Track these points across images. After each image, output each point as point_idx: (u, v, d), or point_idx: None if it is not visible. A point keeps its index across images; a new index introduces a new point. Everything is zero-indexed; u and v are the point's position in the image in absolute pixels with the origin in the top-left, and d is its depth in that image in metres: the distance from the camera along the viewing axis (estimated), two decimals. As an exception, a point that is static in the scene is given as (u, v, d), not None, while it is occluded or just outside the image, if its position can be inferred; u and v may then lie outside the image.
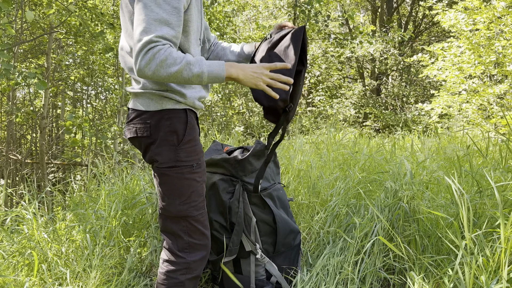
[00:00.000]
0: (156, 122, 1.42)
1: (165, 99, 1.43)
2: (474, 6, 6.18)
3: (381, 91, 12.74)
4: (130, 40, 1.42)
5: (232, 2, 8.92)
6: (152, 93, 1.43)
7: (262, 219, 1.82)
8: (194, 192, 1.48)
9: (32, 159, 10.22)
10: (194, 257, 1.50)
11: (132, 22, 1.36)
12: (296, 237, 1.93)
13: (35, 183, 4.04)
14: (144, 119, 1.43)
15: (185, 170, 1.44)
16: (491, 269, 1.49)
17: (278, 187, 1.92)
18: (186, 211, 1.47)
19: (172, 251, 1.50)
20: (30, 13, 3.75)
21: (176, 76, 1.27)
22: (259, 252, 1.79)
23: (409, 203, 2.01)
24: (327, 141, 3.68)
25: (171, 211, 1.48)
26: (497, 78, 6.39)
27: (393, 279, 1.90)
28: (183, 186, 1.45)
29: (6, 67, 3.19)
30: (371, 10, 14.02)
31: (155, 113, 1.42)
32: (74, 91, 11.54)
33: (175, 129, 1.42)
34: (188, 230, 1.49)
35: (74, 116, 4.03)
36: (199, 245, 1.51)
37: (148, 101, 1.43)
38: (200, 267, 1.53)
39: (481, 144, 3.44)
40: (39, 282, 1.94)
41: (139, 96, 1.46)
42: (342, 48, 7.03)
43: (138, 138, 1.46)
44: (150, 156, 1.46)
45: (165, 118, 1.42)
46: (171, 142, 1.42)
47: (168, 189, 1.46)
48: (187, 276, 1.49)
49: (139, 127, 1.44)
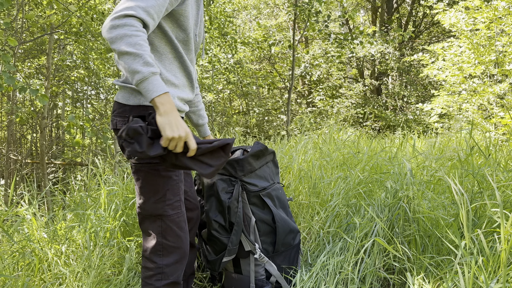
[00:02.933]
0: (132, 116, 1.38)
1: (134, 92, 1.39)
2: (474, 6, 6.18)
3: (381, 91, 12.73)
4: None
5: (233, 2, 8.93)
6: (133, 88, 1.39)
7: (262, 219, 1.82)
8: (169, 190, 1.45)
9: (32, 159, 10.23)
10: (167, 260, 1.47)
11: None
12: (295, 236, 1.93)
13: (35, 183, 4.03)
14: (123, 112, 1.40)
15: (160, 167, 1.41)
16: (491, 269, 1.49)
17: (277, 186, 1.92)
18: (161, 210, 1.44)
19: (146, 255, 1.48)
20: (31, 14, 3.76)
21: (123, 56, 1.19)
22: (258, 252, 1.80)
23: (409, 203, 2.01)
24: (328, 141, 3.68)
25: (147, 209, 1.45)
26: (497, 78, 6.39)
27: (393, 279, 1.90)
28: (158, 183, 1.42)
29: (7, 81, 3.19)
30: (371, 10, 14.02)
31: (133, 108, 1.39)
32: (74, 91, 11.54)
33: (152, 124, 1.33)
34: (163, 231, 1.46)
35: (75, 116, 4.03)
36: (173, 247, 1.47)
37: (128, 95, 1.40)
38: (176, 272, 1.49)
39: (481, 144, 3.43)
40: (39, 282, 1.94)
41: (121, 89, 1.43)
42: (342, 48, 7.02)
43: (117, 130, 1.43)
44: (128, 151, 1.37)
45: (141, 113, 1.37)
46: None
47: (144, 186, 1.44)
48: (162, 282, 1.46)
49: (118, 119, 1.41)
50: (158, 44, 1.42)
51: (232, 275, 1.91)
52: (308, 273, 1.81)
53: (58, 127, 12.02)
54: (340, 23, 11.01)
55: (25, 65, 9.55)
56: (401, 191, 2.05)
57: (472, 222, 1.96)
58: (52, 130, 12.03)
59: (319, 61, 11.36)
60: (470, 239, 1.51)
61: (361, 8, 14.60)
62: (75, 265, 2.01)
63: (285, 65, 11.67)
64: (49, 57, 7.39)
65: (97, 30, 6.00)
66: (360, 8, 14.43)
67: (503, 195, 2.06)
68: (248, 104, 12.70)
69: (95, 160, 3.02)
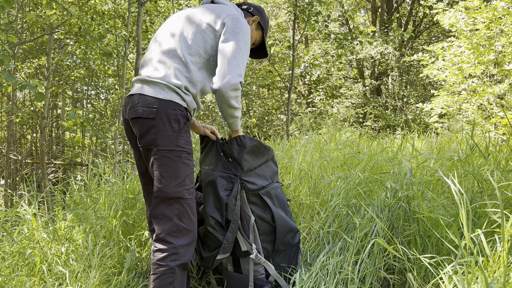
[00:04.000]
0: (163, 109, 1.60)
1: (174, 94, 1.63)
2: (474, 6, 6.18)
3: (381, 91, 12.73)
4: (187, 47, 1.70)
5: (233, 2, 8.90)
6: (167, 85, 1.63)
7: (261, 218, 1.82)
8: (188, 177, 1.65)
9: (32, 159, 10.22)
10: (181, 241, 1.62)
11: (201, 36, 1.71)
12: (295, 236, 1.93)
13: (35, 183, 4.03)
14: (151, 103, 1.61)
15: (183, 154, 1.63)
16: (491, 269, 1.49)
17: (276, 185, 1.92)
18: (181, 193, 1.62)
19: (161, 237, 1.62)
20: (32, 13, 3.75)
21: (234, 109, 1.71)
22: (255, 252, 1.79)
23: (409, 203, 2.01)
24: (328, 140, 3.68)
25: (167, 192, 1.61)
26: (497, 78, 6.39)
27: (393, 279, 1.90)
28: (180, 169, 1.63)
29: (7, 79, 3.18)
30: (371, 10, 14.02)
31: (163, 101, 1.61)
32: (74, 91, 11.53)
33: (178, 118, 1.62)
34: (179, 213, 1.63)
35: (76, 115, 4.02)
36: (187, 230, 1.64)
37: (159, 90, 1.63)
38: (188, 254, 1.64)
39: (481, 144, 3.43)
40: (39, 282, 1.94)
41: (151, 84, 1.65)
42: (342, 48, 7.01)
43: (141, 119, 1.62)
44: (151, 138, 1.61)
45: (171, 107, 1.61)
46: (174, 128, 1.61)
47: (167, 171, 1.61)
48: (176, 262, 1.60)
49: (145, 109, 1.61)
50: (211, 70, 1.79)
51: (232, 274, 1.91)
52: (308, 273, 1.81)
53: (58, 127, 12.02)
54: (340, 23, 11.00)
55: (25, 65, 9.54)
56: (401, 191, 2.05)
57: (472, 222, 1.96)
58: (52, 130, 12.02)
59: (319, 61, 11.35)
60: (470, 239, 1.51)
61: (361, 8, 14.59)
62: (75, 265, 2.01)
63: (285, 65, 11.66)
64: (49, 57, 7.39)
65: (97, 30, 6.00)
66: (360, 8, 14.42)
67: (503, 195, 2.06)
68: (248, 104, 12.70)
69: (95, 160, 3.02)
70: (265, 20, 1.97)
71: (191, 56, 1.69)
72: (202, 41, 1.70)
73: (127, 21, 5.67)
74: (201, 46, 1.70)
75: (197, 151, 2.75)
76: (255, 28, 1.95)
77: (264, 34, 1.99)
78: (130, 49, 8.20)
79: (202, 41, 1.70)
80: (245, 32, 1.72)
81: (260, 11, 1.96)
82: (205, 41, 1.71)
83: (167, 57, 1.70)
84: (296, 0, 6.77)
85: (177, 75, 1.66)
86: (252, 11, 1.94)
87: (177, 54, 1.69)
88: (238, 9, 1.87)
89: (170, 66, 1.68)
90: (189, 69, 1.68)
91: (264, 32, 1.98)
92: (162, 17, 7.50)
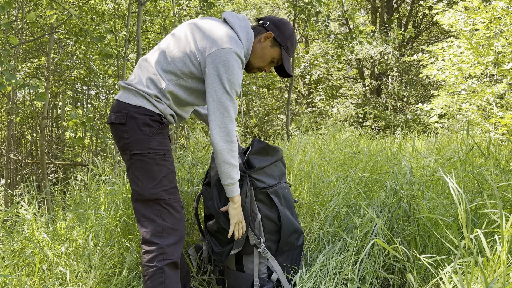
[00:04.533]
0: (132, 114, 1.62)
1: (145, 100, 1.64)
2: (474, 6, 6.18)
3: (381, 91, 12.73)
4: (165, 64, 1.66)
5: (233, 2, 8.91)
6: (138, 92, 1.64)
7: (267, 216, 1.83)
8: (165, 177, 1.64)
9: (32, 159, 10.22)
10: (168, 241, 1.63)
11: (182, 60, 1.65)
12: (299, 237, 1.94)
13: (35, 183, 4.04)
14: (123, 109, 1.64)
15: (156, 156, 1.63)
16: (491, 269, 1.49)
17: (284, 185, 1.93)
18: (158, 194, 1.62)
19: (148, 239, 1.62)
20: (32, 14, 3.75)
21: (228, 165, 1.64)
22: (263, 246, 1.81)
23: (409, 203, 2.01)
24: (328, 140, 3.69)
25: (144, 195, 1.62)
26: (496, 78, 6.39)
27: (393, 279, 1.90)
28: (154, 170, 1.63)
29: (8, 78, 3.18)
30: (371, 10, 14.02)
31: (133, 107, 1.63)
32: (74, 91, 11.53)
33: (148, 122, 1.62)
34: (161, 214, 1.63)
35: (78, 115, 4.03)
36: (172, 229, 1.64)
37: (131, 96, 1.65)
38: (176, 253, 1.64)
39: (481, 144, 3.44)
40: (39, 282, 1.94)
41: (126, 90, 1.67)
42: (341, 48, 7.01)
43: (114, 125, 1.66)
44: (124, 143, 1.64)
45: (140, 113, 1.62)
46: (144, 132, 1.62)
47: (142, 174, 1.63)
48: (164, 261, 1.61)
49: (117, 115, 1.64)
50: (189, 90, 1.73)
51: (234, 272, 1.91)
52: (308, 273, 1.81)
53: (58, 127, 12.02)
54: (340, 23, 11.00)
55: (25, 65, 9.54)
56: (401, 191, 2.05)
57: (472, 222, 1.96)
58: (52, 130, 12.02)
59: (319, 61, 11.35)
60: (469, 239, 1.51)
61: (361, 8, 14.59)
62: (75, 265, 2.01)
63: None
64: (49, 57, 7.39)
65: (97, 31, 6.00)
66: (360, 8, 14.42)
67: (502, 195, 2.06)
68: (248, 104, 12.70)
69: (95, 160, 3.02)
70: (284, 35, 1.76)
71: (166, 73, 1.66)
72: (182, 63, 1.65)
73: (127, 21, 5.67)
74: (179, 67, 1.65)
75: (203, 150, 2.75)
76: (270, 45, 1.76)
77: (284, 51, 1.77)
78: (130, 49, 8.20)
79: (182, 63, 1.65)
80: (226, 73, 1.59)
81: (279, 25, 1.76)
82: (185, 65, 1.65)
83: (144, 67, 1.70)
84: (296, 0, 6.77)
85: (148, 85, 1.65)
86: (268, 26, 1.76)
87: (154, 67, 1.67)
88: (236, 37, 1.68)
89: (144, 75, 1.68)
90: (162, 83, 1.65)
91: (284, 48, 1.77)
92: (162, 17, 7.50)
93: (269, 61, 1.81)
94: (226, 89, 1.60)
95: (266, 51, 1.77)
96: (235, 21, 1.73)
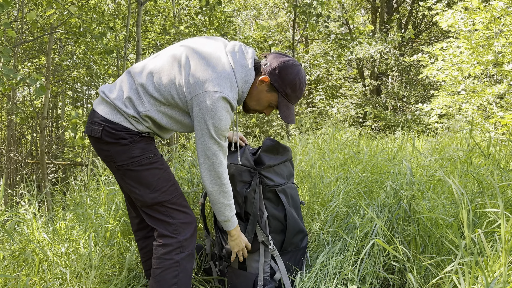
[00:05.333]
0: (109, 129, 1.55)
1: (122, 117, 1.57)
2: (473, 6, 6.18)
3: (381, 91, 12.72)
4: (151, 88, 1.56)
5: (233, 2, 8.90)
6: (116, 107, 1.57)
7: (274, 215, 1.84)
8: (160, 179, 1.62)
9: (32, 159, 10.22)
10: (184, 235, 1.64)
11: (169, 89, 1.55)
12: (303, 238, 1.94)
13: (35, 183, 4.03)
14: (99, 122, 1.57)
15: (143, 162, 1.59)
16: (491, 269, 1.49)
17: (292, 185, 1.94)
18: (159, 198, 1.61)
19: (164, 234, 1.62)
20: (32, 13, 3.75)
21: (220, 204, 1.64)
22: (272, 243, 1.82)
23: (409, 203, 2.01)
24: (328, 141, 3.68)
25: (146, 201, 1.61)
26: (496, 78, 6.39)
27: (393, 279, 1.90)
28: (146, 176, 1.59)
29: (7, 72, 3.18)
30: (371, 10, 14.02)
31: (109, 122, 1.56)
32: (74, 91, 11.53)
33: (124, 137, 1.57)
34: (169, 213, 1.63)
35: (79, 114, 4.03)
36: (185, 223, 1.65)
37: (109, 110, 1.58)
38: (192, 244, 1.66)
39: (482, 144, 3.43)
40: (39, 282, 1.94)
41: (105, 103, 1.60)
42: (341, 48, 7.01)
43: (91, 137, 1.61)
44: (106, 155, 1.60)
45: (117, 129, 1.56)
46: (122, 142, 1.56)
47: (136, 182, 1.60)
48: (181, 255, 1.62)
49: (93, 128, 1.58)
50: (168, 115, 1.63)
51: (236, 271, 1.91)
52: (308, 274, 1.81)
53: (58, 127, 12.01)
54: (340, 23, 11.00)
55: (25, 65, 9.54)
56: (401, 191, 2.05)
57: (472, 222, 1.96)
58: (52, 130, 12.02)
59: (319, 61, 11.35)
60: (470, 239, 1.51)
61: (361, 8, 14.59)
62: (75, 265, 2.01)
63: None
64: (49, 57, 7.39)
65: (97, 31, 6.00)
66: (360, 8, 14.42)
67: (503, 195, 2.06)
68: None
69: (95, 160, 3.02)
70: (284, 81, 1.58)
71: (149, 97, 1.56)
72: (167, 92, 1.55)
73: (127, 21, 5.68)
74: (164, 95, 1.55)
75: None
76: (267, 89, 1.61)
77: (282, 97, 1.61)
78: (130, 49, 8.20)
79: (167, 92, 1.55)
80: (212, 119, 1.49)
81: (280, 69, 1.57)
82: (170, 95, 1.55)
83: (127, 82, 1.61)
84: (296, 0, 6.77)
85: (126, 104, 1.56)
86: (265, 68, 1.60)
87: (137, 87, 1.57)
88: (233, 77, 1.54)
89: (126, 91, 1.58)
90: (141, 106, 1.56)
91: (282, 94, 1.60)
92: (162, 17, 7.50)
93: (267, 106, 1.68)
94: (212, 135, 1.52)
95: (262, 95, 1.63)
96: (239, 58, 1.58)
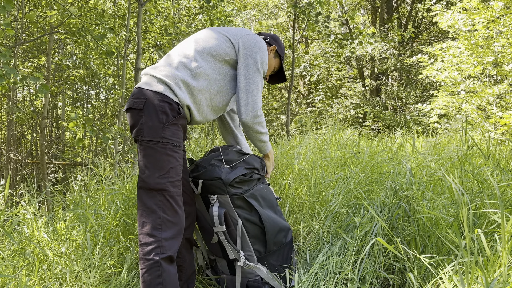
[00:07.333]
0: (151, 100, 1.63)
1: (166, 86, 1.66)
2: (472, 7, 6.18)
3: (380, 91, 12.72)
4: (202, 43, 1.78)
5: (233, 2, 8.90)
6: (160, 79, 1.67)
7: (249, 220, 1.82)
8: (173, 169, 1.65)
9: (32, 159, 10.22)
10: (165, 234, 1.61)
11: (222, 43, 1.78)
12: (287, 234, 1.93)
13: (35, 183, 4.03)
14: (142, 95, 1.64)
15: (168, 146, 1.63)
16: (491, 269, 1.49)
17: (260, 187, 1.91)
18: (164, 185, 1.62)
19: (146, 231, 1.61)
20: (32, 14, 3.75)
21: (259, 134, 1.90)
22: (243, 259, 1.79)
23: (409, 203, 2.01)
24: (328, 141, 3.68)
25: (150, 183, 1.61)
26: (496, 78, 6.39)
27: (393, 279, 1.90)
28: (164, 160, 1.62)
29: (8, 71, 3.18)
30: (371, 10, 14.02)
31: (152, 93, 1.64)
32: (74, 91, 11.53)
33: (166, 110, 1.63)
34: (163, 205, 1.62)
35: (79, 116, 4.04)
36: (171, 222, 1.63)
37: (153, 83, 1.67)
38: (173, 248, 1.63)
39: (481, 144, 3.44)
40: (39, 282, 1.94)
41: (148, 78, 1.70)
42: (341, 48, 7.01)
43: (131, 109, 1.66)
44: (138, 129, 1.64)
45: (159, 99, 1.63)
46: (160, 119, 1.62)
47: (151, 162, 1.62)
48: (161, 255, 1.59)
49: (136, 100, 1.65)
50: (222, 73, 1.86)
51: (229, 277, 1.92)
52: (307, 273, 1.81)
53: (58, 127, 12.01)
54: (340, 23, 11.00)
55: (25, 65, 9.54)
56: (401, 191, 2.05)
57: (472, 222, 1.96)
58: (52, 130, 12.02)
59: (319, 61, 11.35)
60: (470, 239, 1.51)
61: (361, 8, 14.59)
62: (75, 265, 2.01)
63: (285, 65, 11.65)
64: (49, 57, 7.39)
65: (97, 31, 5.99)
66: (360, 8, 14.42)
67: (503, 195, 2.06)
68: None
69: (95, 160, 3.02)
70: (281, 48, 2.06)
71: (201, 54, 1.74)
72: (217, 44, 1.77)
73: (127, 21, 5.67)
74: (214, 47, 1.76)
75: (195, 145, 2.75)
76: (273, 56, 2.04)
77: (281, 61, 2.07)
78: (130, 49, 8.20)
79: (217, 44, 1.77)
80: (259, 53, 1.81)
81: (276, 39, 2.05)
82: (219, 46, 1.77)
83: (175, 54, 1.77)
84: (295, 0, 6.77)
85: (179, 67, 1.70)
86: (270, 41, 2.04)
87: (189, 50, 1.75)
88: None
89: (175, 59, 1.74)
90: (193, 63, 1.71)
91: (281, 59, 2.06)
92: (162, 17, 7.49)
93: (271, 70, 2.08)
94: (258, 67, 1.78)
95: (271, 62, 2.03)
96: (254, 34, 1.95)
